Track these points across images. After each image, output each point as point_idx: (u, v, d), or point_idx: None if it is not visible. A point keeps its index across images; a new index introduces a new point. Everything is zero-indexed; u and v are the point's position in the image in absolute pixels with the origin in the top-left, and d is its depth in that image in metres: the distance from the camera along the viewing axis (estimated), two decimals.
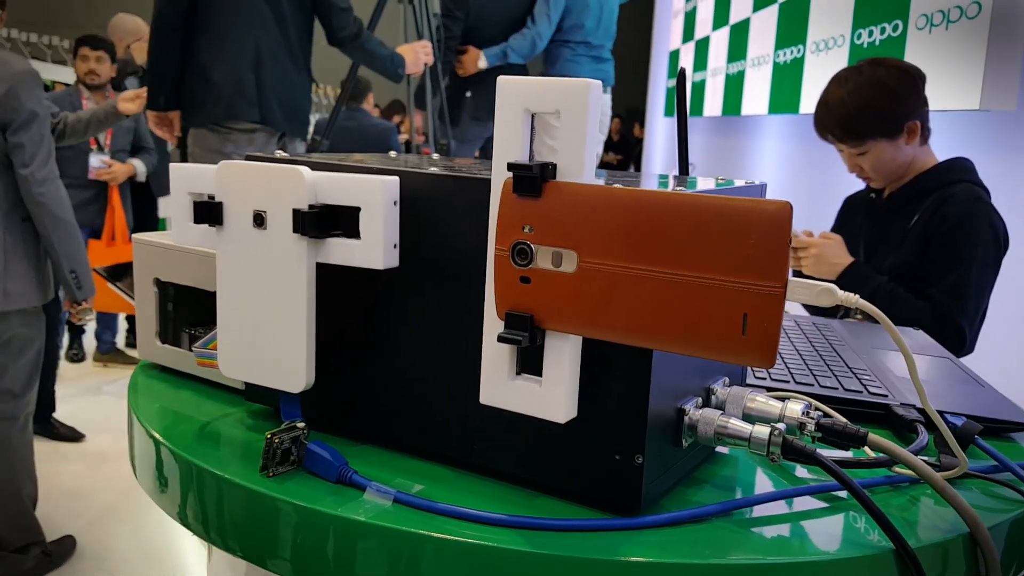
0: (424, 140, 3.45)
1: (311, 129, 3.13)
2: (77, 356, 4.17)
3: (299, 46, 2.45)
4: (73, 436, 3.22)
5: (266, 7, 2.34)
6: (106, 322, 4.10)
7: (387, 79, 2.74)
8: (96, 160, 3.53)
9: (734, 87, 4.17)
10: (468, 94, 3.40)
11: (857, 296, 0.45)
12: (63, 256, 2.11)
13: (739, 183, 0.68)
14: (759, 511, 0.57)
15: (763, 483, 0.62)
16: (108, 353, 4.13)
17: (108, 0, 5.94)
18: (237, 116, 2.34)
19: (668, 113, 6.33)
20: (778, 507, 0.58)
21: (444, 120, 3.26)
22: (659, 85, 6.84)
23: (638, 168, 8.52)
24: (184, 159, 2.63)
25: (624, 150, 9.17)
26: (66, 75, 5.00)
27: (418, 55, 2.84)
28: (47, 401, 3.15)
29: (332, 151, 2.93)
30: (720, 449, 0.67)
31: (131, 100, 2.96)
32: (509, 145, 0.51)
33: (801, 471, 0.65)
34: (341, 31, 2.49)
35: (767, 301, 0.43)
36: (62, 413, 3.28)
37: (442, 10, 3.36)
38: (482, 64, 3.35)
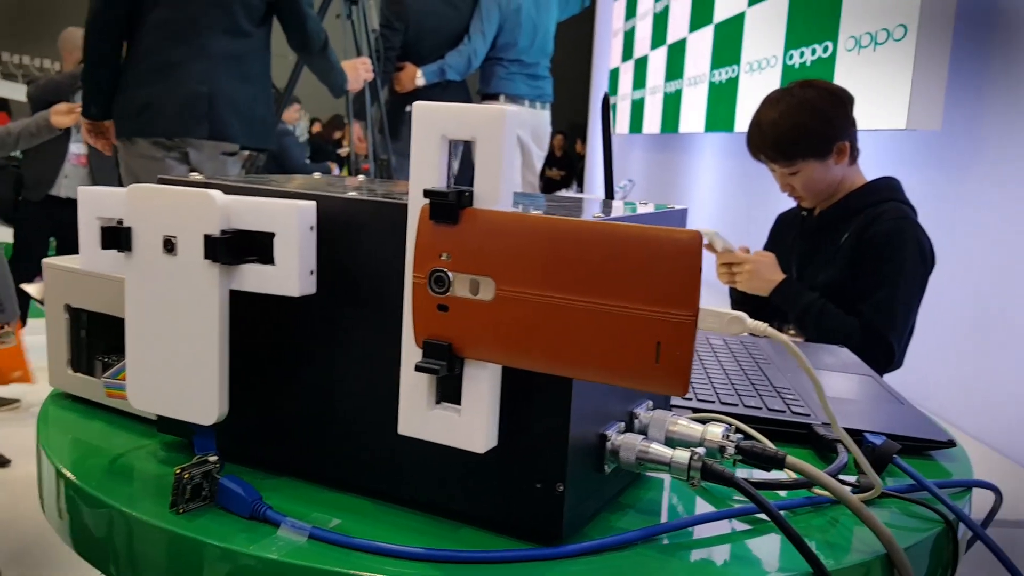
0: (365, 153, 3.43)
1: None
2: None
3: (257, 57, 2.36)
4: None
5: (218, 15, 2.24)
6: None
7: (331, 93, 2.71)
8: None
9: (672, 105, 4.24)
10: (409, 108, 3.40)
11: (765, 325, 0.45)
12: None
13: (671, 207, 0.68)
14: (683, 536, 0.57)
15: (687, 507, 0.62)
16: None
17: (66, 14, 5.77)
18: (185, 132, 2.25)
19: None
20: (702, 531, 0.58)
21: (384, 134, 3.24)
22: (600, 102, 6.92)
23: (580, 182, 8.59)
24: (117, 173, 2.52)
25: (567, 166, 9.25)
26: (15, 91, 4.80)
27: (358, 71, 2.82)
28: None
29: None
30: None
31: (65, 114, 2.87)
32: (425, 171, 0.50)
33: (729, 493, 0.65)
34: (313, 40, 2.40)
35: (679, 330, 0.43)
36: None
37: (381, 21, 3.35)
38: (420, 81, 3.34)
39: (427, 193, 0.49)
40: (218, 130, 2.26)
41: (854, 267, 1.60)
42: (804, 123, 1.62)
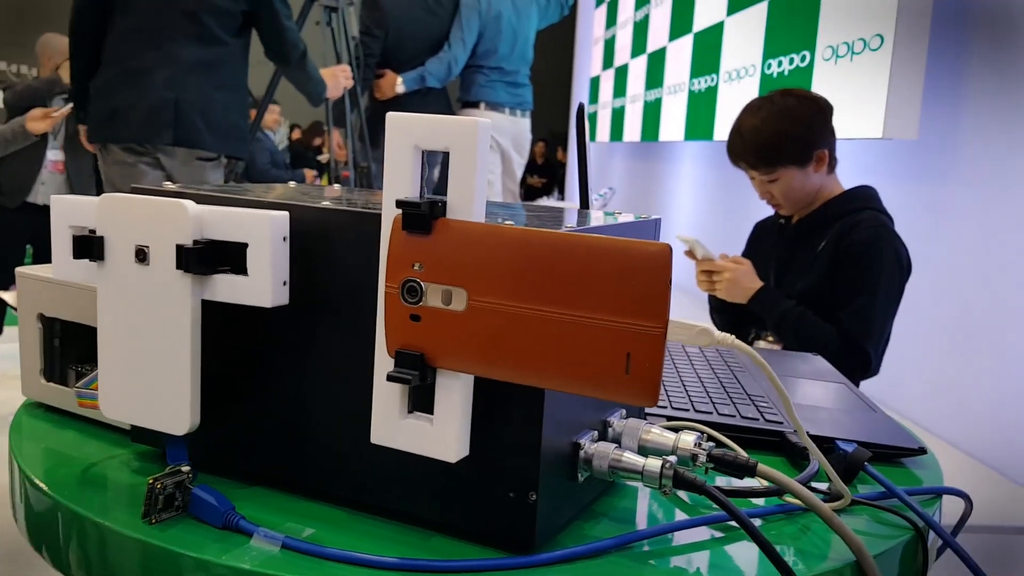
0: (345, 160, 3.42)
1: None
2: None
3: (232, 65, 2.36)
4: None
5: (187, 23, 2.24)
6: None
7: (309, 102, 2.71)
8: None
9: (652, 114, 4.26)
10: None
11: (733, 337, 0.45)
12: None
13: (645, 217, 0.69)
14: (656, 544, 0.58)
15: (661, 514, 0.63)
16: None
17: (44, 20, 5.70)
18: (150, 139, 2.25)
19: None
20: (675, 539, 0.59)
21: (364, 142, 3.24)
22: None
23: (562, 189, 8.62)
24: (98, 178, 2.50)
25: (548, 173, 9.28)
26: None
27: (338, 79, 2.82)
28: None
29: None
30: None
31: (40, 119, 2.85)
32: (399, 182, 0.50)
33: (703, 501, 0.65)
34: (291, 52, 2.40)
35: (649, 341, 0.43)
36: None
37: (361, 28, 3.35)
38: (400, 88, 3.34)
39: (400, 203, 0.50)
40: (185, 137, 2.25)
41: (832, 275, 1.61)
42: (785, 130, 1.63)
